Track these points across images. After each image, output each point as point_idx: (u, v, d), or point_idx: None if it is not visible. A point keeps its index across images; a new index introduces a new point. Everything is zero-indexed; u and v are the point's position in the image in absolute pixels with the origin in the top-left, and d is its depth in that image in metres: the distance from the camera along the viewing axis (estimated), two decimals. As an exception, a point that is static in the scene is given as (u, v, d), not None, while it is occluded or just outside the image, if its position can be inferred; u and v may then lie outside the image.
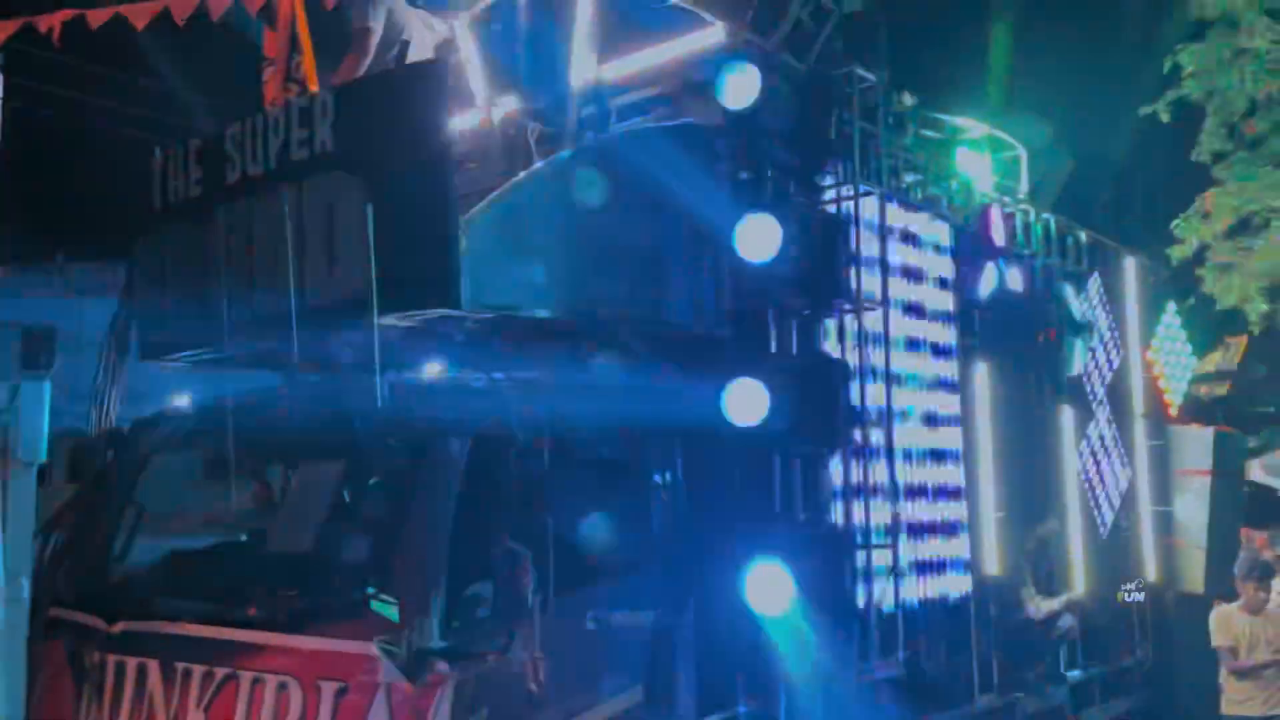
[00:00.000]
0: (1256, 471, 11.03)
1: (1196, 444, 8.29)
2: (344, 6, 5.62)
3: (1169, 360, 8.56)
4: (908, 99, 6.71)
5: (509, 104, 5.96)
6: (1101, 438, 7.70)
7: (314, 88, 5.31)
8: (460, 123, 5.80)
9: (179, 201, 4.94)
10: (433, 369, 4.51)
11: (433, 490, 3.89)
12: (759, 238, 5.13)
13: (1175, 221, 13.14)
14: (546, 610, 3.92)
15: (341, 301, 4.31)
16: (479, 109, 6.03)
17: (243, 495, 5.10)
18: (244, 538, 5.12)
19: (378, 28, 5.61)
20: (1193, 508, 8.17)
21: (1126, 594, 7.43)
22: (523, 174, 4.92)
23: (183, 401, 5.14)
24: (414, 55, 5.71)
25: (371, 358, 4.76)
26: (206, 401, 4.98)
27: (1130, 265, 8.44)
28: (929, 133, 6.84)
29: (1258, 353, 14.37)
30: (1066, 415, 7.31)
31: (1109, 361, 7.94)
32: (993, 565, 6.42)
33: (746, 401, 4.82)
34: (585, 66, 5.89)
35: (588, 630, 4.22)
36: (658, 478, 4.74)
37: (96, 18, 9.56)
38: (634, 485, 4.60)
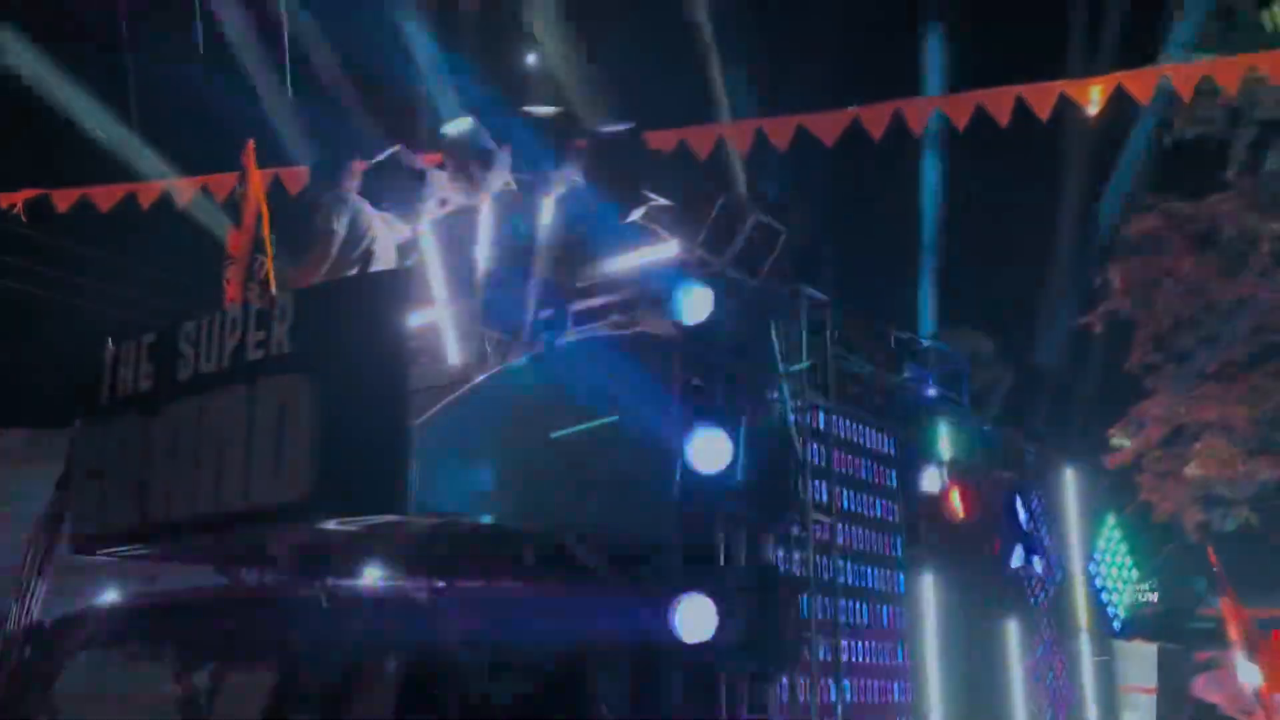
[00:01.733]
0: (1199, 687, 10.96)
1: (1141, 660, 8.27)
2: (309, 209, 5.78)
3: (1111, 573, 8.62)
4: (854, 313, 6.95)
5: (467, 305, 6.06)
6: (1047, 652, 7.65)
7: (274, 288, 5.39)
8: (417, 319, 5.88)
9: (127, 394, 4.90)
10: (373, 575, 4.41)
11: (365, 709, 3.74)
12: (709, 449, 5.17)
13: (1111, 431, 13.51)
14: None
15: (286, 503, 4.25)
16: (437, 307, 6.12)
17: (166, 701, 4.85)
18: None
19: (341, 230, 5.75)
20: (1139, 726, 8.08)
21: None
22: (479, 378, 4.96)
23: (112, 598, 4.95)
24: (377, 257, 5.84)
25: (311, 563, 4.69)
26: (136, 600, 4.80)
27: (1070, 475, 8.60)
28: (874, 347, 7.05)
29: (1197, 565, 14.52)
30: (1012, 629, 7.27)
31: (1052, 573, 7.98)
32: (942, 788, 6.24)
33: (696, 617, 4.76)
34: (545, 272, 6.05)
35: None
36: (603, 697, 4.60)
37: (63, 198, 9.76)
38: (581, 705, 4.44)
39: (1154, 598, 11.66)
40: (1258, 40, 10.42)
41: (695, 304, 5.33)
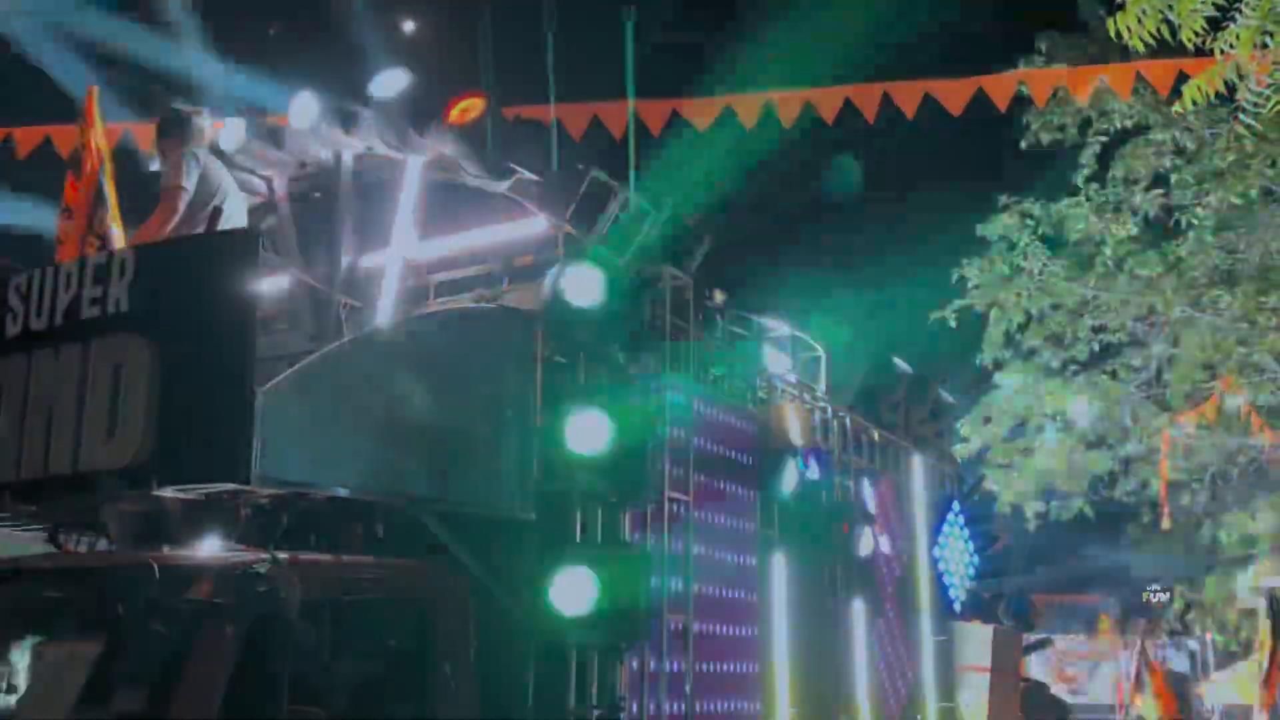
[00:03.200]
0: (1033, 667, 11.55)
1: (977, 641, 8.63)
2: (156, 163, 5.51)
3: (952, 557, 8.97)
4: (718, 296, 7.03)
5: (324, 272, 5.89)
6: (890, 631, 7.92)
7: (116, 243, 5.12)
8: (271, 285, 5.68)
9: (-52, 350, 4.59)
10: (211, 546, 4.24)
11: (197, 681, 3.60)
12: (570, 425, 5.17)
13: (960, 422, 14.03)
14: (314, 818, 3.64)
15: (118, 469, 4.05)
16: (292, 273, 5.93)
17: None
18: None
19: (190, 186, 5.51)
20: (974, 704, 8.43)
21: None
22: (333, 345, 4.82)
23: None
24: (228, 217, 5.61)
25: (144, 531, 4.49)
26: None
27: (917, 463, 8.90)
28: (736, 330, 7.15)
29: (1033, 551, 15.29)
30: (858, 608, 7.50)
31: (898, 557, 8.26)
32: (785, 761, 6.40)
33: (574, 590, 4.77)
34: (407, 241, 5.92)
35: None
36: (448, 668, 4.54)
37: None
38: (423, 678, 4.38)
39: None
40: (1109, 52, 10.95)
41: (561, 280, 5.31)
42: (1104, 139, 13.29)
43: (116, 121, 7.34)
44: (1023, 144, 13.71)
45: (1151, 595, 14.20)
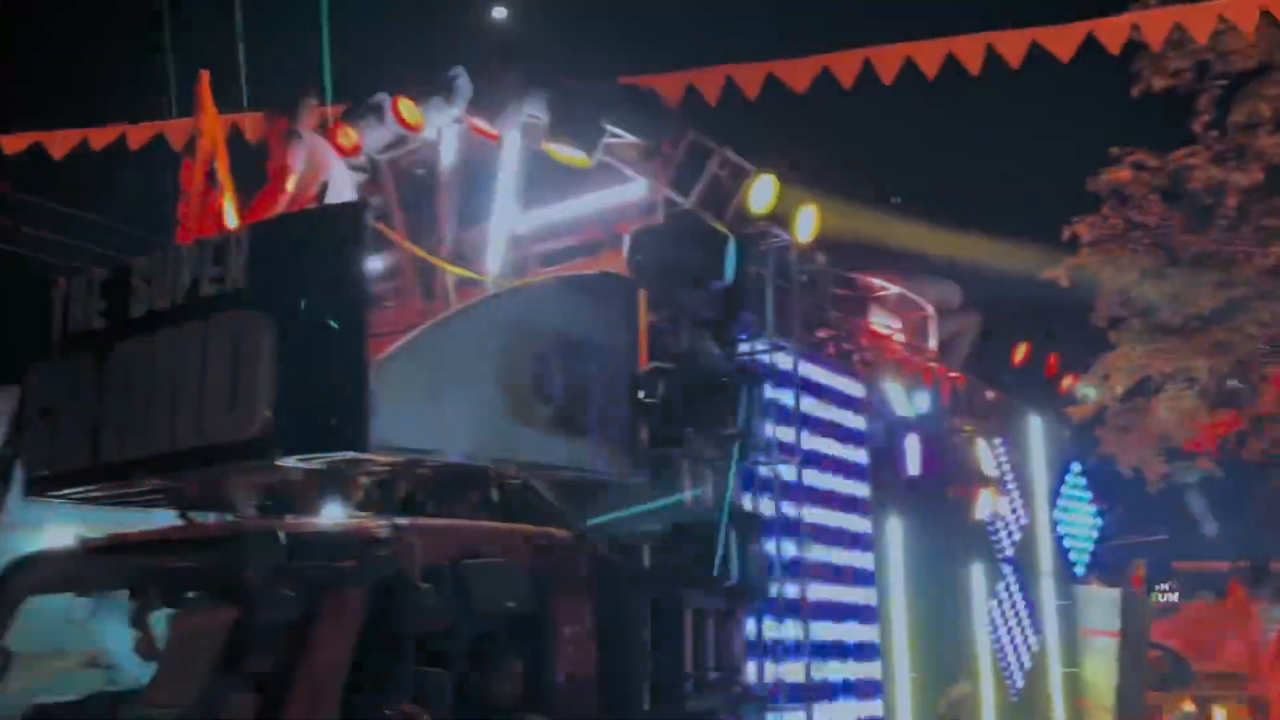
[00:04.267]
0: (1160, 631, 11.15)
1: (1104, 605, 8.36)
2: (264, 145, 5.63)
3: (1074, 519, 8.70)
4: (821, 257, 6.91)
5: (428, 245, 5.96)
6: (1011, 596, 7.72)
7: (230, 223, 5.25)
8: (378, 262, 5.77)
9: (79, 332, 4.78)
10: (334, 513, 4.33)
11: (325, 646, 3.68)
12: (676, 388, 5.14)
13: (1077, 382, 13.56)
14: (443, 776, 3.70)
15: (242, 441, 4.16)
16: (398, 249, 6.01)
17: (124, 641, 4.78)
18: (117, 688, 4.78)
19: (297, 167, 5.62)
20: (1101, 669, 8.18)
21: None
22: (440, 316, 4.88)
23: (66, 540, 4.84)
24: (333, 195, 5.71)
25: (269, 500, 4.61)
26: (91, 540, 4.70)
27: (1034, 424, 8.65)
28: (841, 291, 7.02)
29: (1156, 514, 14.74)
30: (977, 573, 7.33)
31: (1017, 520, 8.04)
32: (905, 727, 6.30)
33: (687, 554, 4.77)
34: (508, 213, 5.95)
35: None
36: (566, 631, 4.57)
37: (12, 144, 9.46)
38: (543, 640, 4.42)
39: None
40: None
41: (660, 244, 5.27)
42: (1224, 82, 12.63)
43: (225, 109, 7.55)
44: (1136, 91, 13.10)
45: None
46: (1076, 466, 8.94)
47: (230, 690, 3.89)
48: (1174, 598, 12.64)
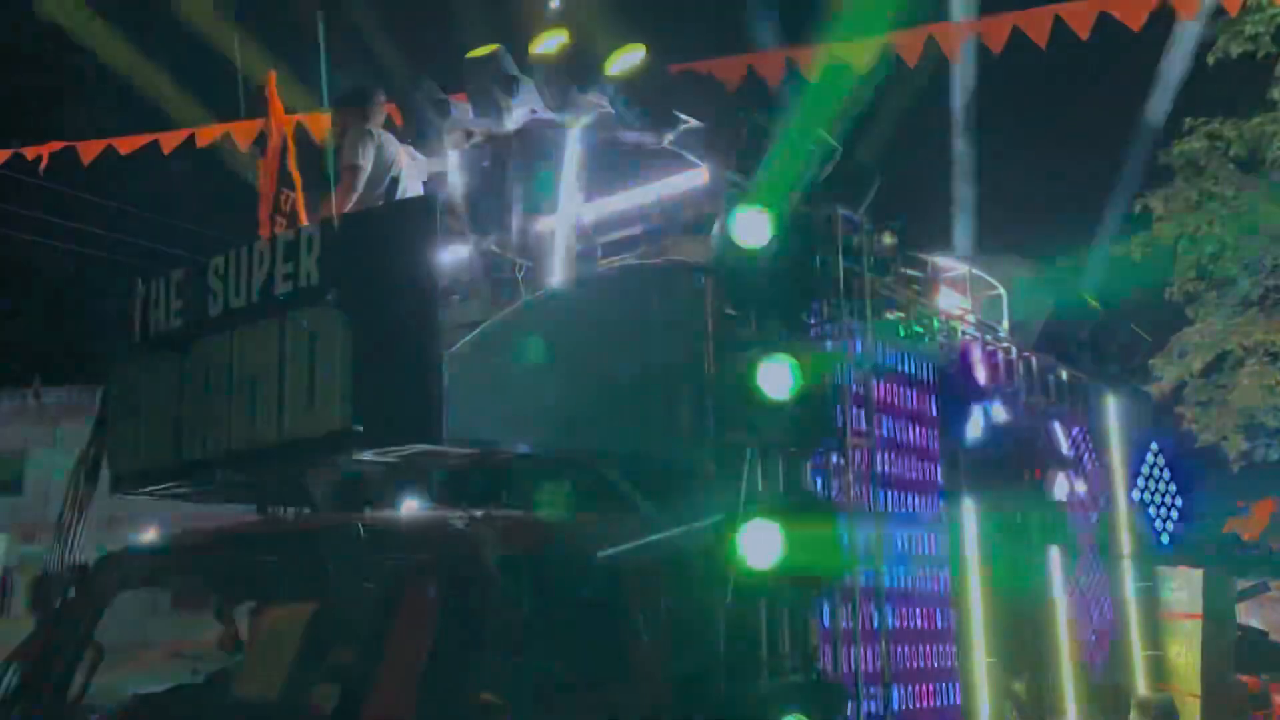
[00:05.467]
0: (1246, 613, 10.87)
1: (1186, 586, 8.16)
2: (334, 143, 5.69)
3: (1154, 499, 8.50)
4: (889, 238, 6.80)
5: (496, 238, 5.99)
6: (1090, 579, 7.57)
7: (303, 221, 5.33)
8: (447, 256, 5.81)
9: (158, 332, 4.88)
10: (411, 506, 4.38)
11: (405, 638, 3.72)
12: (746, 374, 5.10)
13: (1153, 360, 13.29)
14: (525, 765, 3.73)
15: (320, 436, 4.22)
16: (466, 243, 6.05)
17: (209, 634, 4.89)
18: (204, 680, 4.89)
19: (366, 164, 5.68)
20: (1185, 653, 7.99)
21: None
22: (509, 308, 4.90)
23: (151, 536, 4.97)
24: (403, 190, 5.76)
25: (348, 494, 4.68)
26: (176, 536, 4.81)
27: (1111, 404, 8.45)
28: (911, 271, 6.91)
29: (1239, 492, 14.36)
30: (1054, 555, 7.19)
31: (1095, 501, 7.87)
32: (985, 714, 6.21)
33: (761, 543, 4.73)
34: (573, 203, 5.95)
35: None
36: (641, 620, 4.57)
37: (87, 149, 9.70)
38: (617, 631, 4.42)
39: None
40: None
41: (728, 227, 5.22)
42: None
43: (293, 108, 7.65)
44: (1211, 59, 12.73)
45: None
46: (1155, 446, 8.71)
47: (314, 683, 3.96)
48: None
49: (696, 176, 5.88)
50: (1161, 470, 8.59)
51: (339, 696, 3.84)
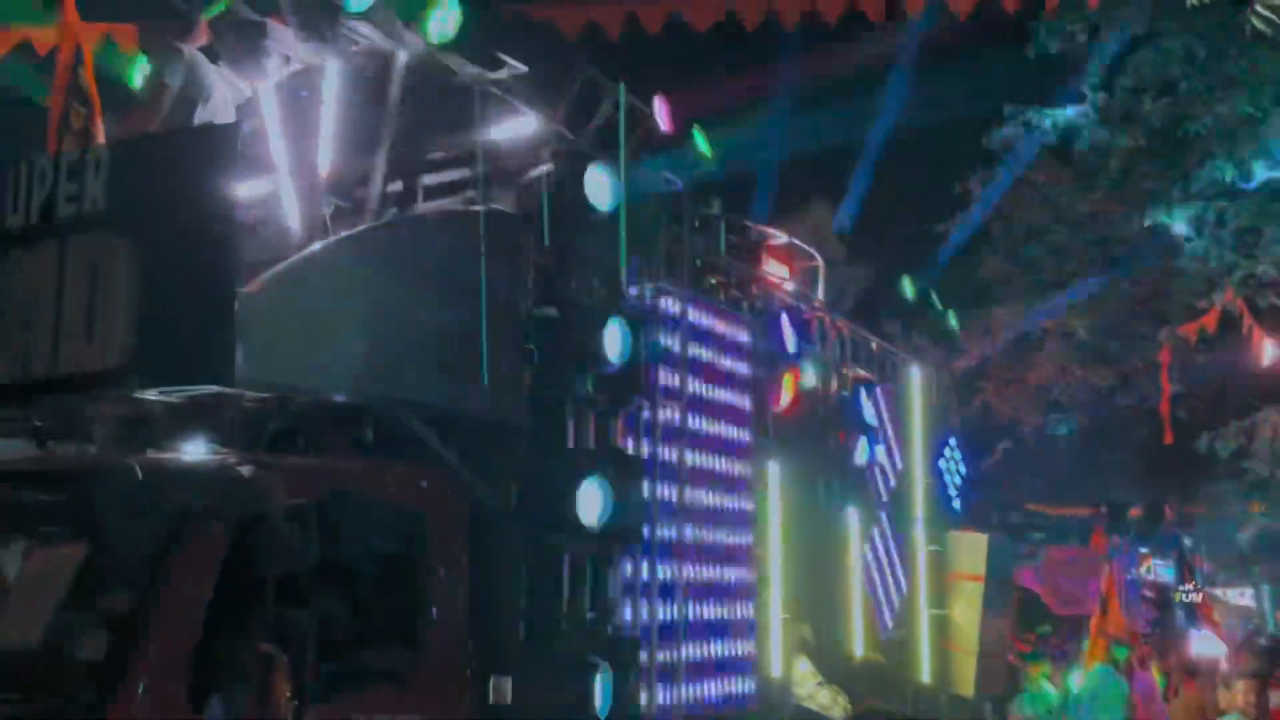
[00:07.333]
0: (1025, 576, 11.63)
1: (971, 550, 8.67)
2: (141, 60, 5.33)
3: (951, 468, 8.97)
4: (714, 205, 6.89)
5: (310, 173, 5.73)
6: (885, 540, 7.94)
7: (99, 142, 4.98)
8: (254, 189, 5.54)
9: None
10: (197, 449, 4.19)
11: (182, 584, 3.57)
12: (562, 331, 5.09)
13: (961, 335, 13.94)
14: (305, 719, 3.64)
15: (99, 371, 3.97)
16: (277, 175, 5.77)
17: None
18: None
19: (174, 85, 5.33)
20: (967, 611, 8.50)
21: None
22: (317, 245, 4.72)
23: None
24: (213, 115, 5.44)
25: (132, 434, 4.43)
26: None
27: (917, 375, 8.85)
28: (733, 238, 7.03)
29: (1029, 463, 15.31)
30: (852, 517, 7.51)
31: (894, 466, 8.25)
32: (777, 666, 6.46)
33: (566, 497, 4.75)
34: (394, 143, 5.76)
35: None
36: (441, 572, 4.53)
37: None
38: (415, 582, 4.37)
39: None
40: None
41: (554, 182, 5.18)
42: (1113, 47, 12.94)
43: (99, 21, 7.11)
44: (1030, 51, 13.34)
45: (1140, 508, 14.33)
46: (955, 418, 9.20)
47: (82, 628, 3.75)
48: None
49: (525, 124, 5.77)
50: (956, 441, 9.07)
51: (108, 644, 3.65)
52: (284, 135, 5.85)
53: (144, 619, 3.59)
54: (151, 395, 4.02)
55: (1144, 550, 13.61)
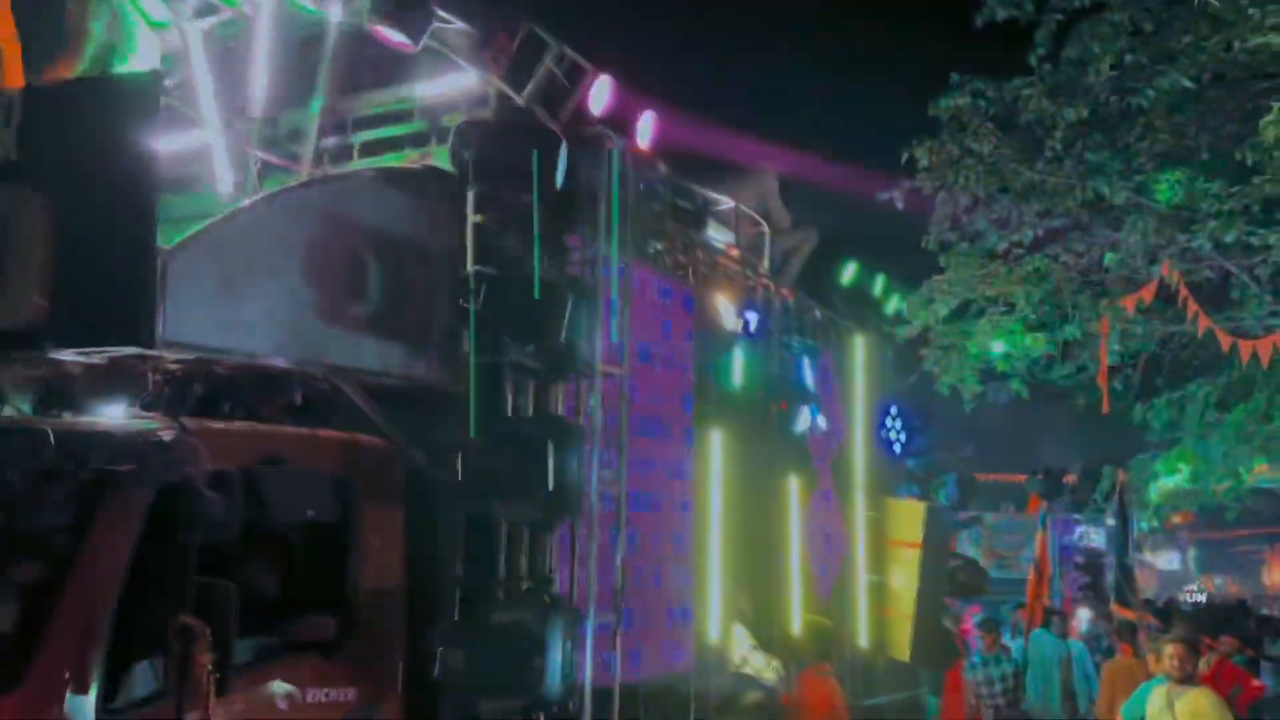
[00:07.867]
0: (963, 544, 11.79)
1: (909, 517, 8.73)
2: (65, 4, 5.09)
3: (887, 435, 9.01)
4: (660, 167, 6.78)
5: (239, 126, 5.54)
6: (824, 506, 7.97)
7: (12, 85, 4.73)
8: (179, 141, 5.34)
9: None
10: (116, 413, 4.02)
11: (99, 554, 3.43)
12: (502, 294, 4.97)
13: (902, 304, 14.01)
14: (228, 692, 3.53)
15: (11, 329, 3.79)
16: (204, 128, 5.57)
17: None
18: None
19: (97, 31, 5.10)
20: (904, 577, 8.57)
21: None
22: (246, 202, 4.55)
23: None
24: (135, 65, 5.21)
25: (40, 395, 4.25)
26: None
27: (860, 343, 8.86)
28: (679, 202, 6.93)
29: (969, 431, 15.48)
30: (793, 484, 7.51)
31: (835, 434, 8.26)
32: (714, 631, 6.46)
33: (502, 464, 4.66)
34: (329, 97, 5.59)
35: (278, 714, 3.83)
36: (375, 540, 4.42)
37: None
38: (347, 550, 4.26)
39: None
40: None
41: (493, 140, 5.03)
42: (1060, 17, 12.94)
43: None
44: (978, 20, 13.31)
45: (1076, 474, 14.58)
46: (896, 386, 9.23)
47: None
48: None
49: (465, 79, 5.63)
50: (897, 409, 9.12)
51: (19, 613, 3.50)
52: (212, 87, 5.66)
53: (57, 588, 3.44)
54: (69, 355, 3.85)
55: (1077, 516, 13.89)
